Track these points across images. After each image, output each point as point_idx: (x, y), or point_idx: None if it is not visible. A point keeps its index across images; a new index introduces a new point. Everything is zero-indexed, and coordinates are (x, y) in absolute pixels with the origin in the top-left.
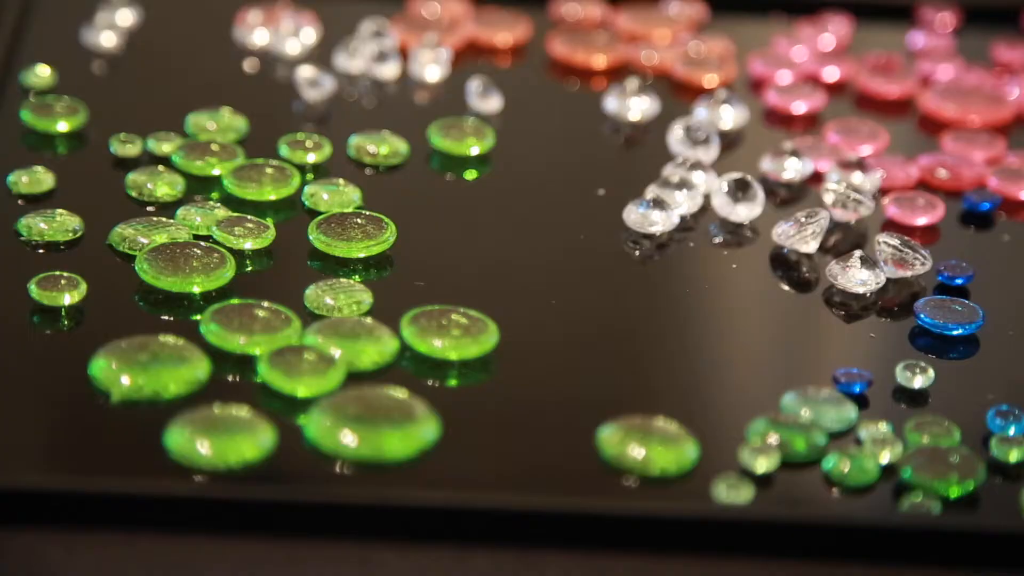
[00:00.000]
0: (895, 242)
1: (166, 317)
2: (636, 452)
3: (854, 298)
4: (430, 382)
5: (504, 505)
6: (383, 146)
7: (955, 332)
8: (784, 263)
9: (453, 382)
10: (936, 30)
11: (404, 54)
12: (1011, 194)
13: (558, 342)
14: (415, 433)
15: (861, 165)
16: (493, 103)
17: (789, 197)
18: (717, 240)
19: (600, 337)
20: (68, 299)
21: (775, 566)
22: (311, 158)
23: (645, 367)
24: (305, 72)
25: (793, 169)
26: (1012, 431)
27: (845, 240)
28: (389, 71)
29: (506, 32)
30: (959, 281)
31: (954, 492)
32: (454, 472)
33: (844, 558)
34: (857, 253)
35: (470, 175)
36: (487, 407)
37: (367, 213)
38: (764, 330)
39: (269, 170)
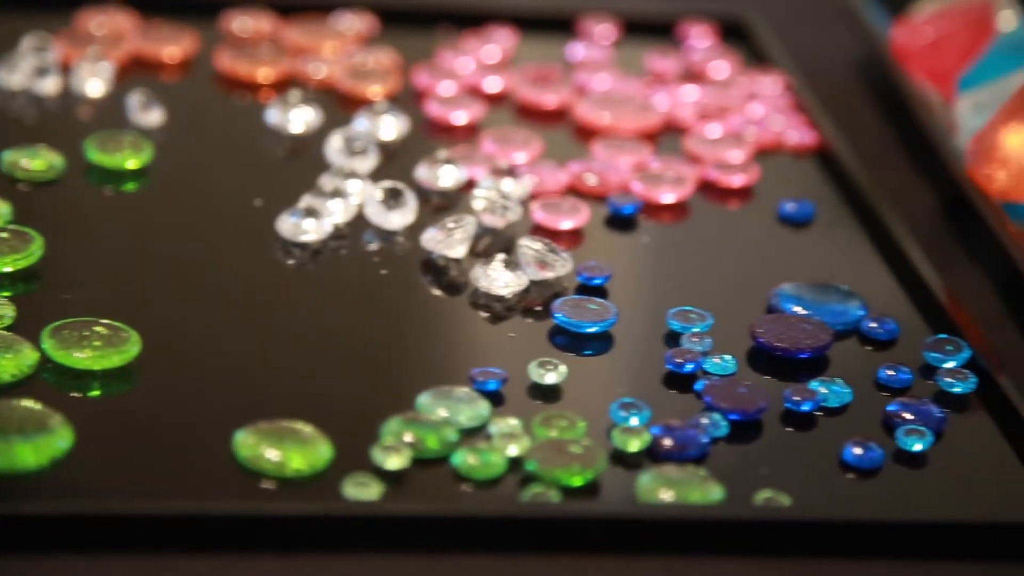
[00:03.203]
0: (537, 245)
1: None
2: (271, 454)
3: (498, 300)
4: (73, 393)
5: (138, 511)
6: (36, 160)
7: (589, 330)
8: (433, 268)
9: (95, 392)
10: (596, 42)
11: (68, 69)
12: (652, 198)
13: (202, 350)
14: (48, 443)
15: (512, 172)
16: (154, 117)
17: (443, 204)
18: (371, 247)
19: (246, 344)
20: None
21: (402, 559)
22: None
23: (290, 372)
24: None
25: (448, 177)
26: (635, 421)
27: (495, 244)
28: (49, 86)
29: (173, 46)
30: (597, 281)
31: (576, 481)
32: (91, 481)
33: (468, 549)
34: (499, 257)
35: (127, 188)
36: (128, 416)
37: (12, 227)
38: (410, 333)
39: None
